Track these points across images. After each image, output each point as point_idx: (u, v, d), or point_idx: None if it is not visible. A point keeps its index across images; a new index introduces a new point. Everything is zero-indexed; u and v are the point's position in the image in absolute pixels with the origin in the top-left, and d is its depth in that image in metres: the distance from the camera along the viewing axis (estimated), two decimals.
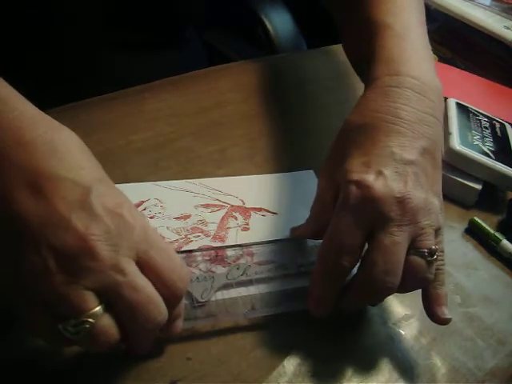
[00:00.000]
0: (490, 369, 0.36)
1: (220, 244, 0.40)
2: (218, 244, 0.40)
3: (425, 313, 0.34)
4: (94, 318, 0.25)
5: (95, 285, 0.25)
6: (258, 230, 0.42)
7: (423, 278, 0.32)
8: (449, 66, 0.69)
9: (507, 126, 0.55)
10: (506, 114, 0.58)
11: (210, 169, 0.46)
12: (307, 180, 0.47)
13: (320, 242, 0.34)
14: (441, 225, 0.33)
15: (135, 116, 0.50)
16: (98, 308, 0.26)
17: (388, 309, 0.38)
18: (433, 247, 0.32)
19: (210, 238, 0.40)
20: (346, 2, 0.48)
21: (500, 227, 0.46)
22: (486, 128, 0.52)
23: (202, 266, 0.38)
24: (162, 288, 0.27)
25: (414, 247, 0.32)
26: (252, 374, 0.32)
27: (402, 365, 0.35)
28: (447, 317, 0.34)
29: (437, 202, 0.33)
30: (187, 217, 0.42)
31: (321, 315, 0.34)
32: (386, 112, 0.35)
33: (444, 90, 0.60)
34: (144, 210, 0.41)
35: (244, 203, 0.44)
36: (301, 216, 0.42)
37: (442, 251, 0.34)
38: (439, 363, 0.35)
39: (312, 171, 0.48)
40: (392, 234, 0.31)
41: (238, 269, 0.38)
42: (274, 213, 0.43)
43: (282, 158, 0.49)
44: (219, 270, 0.38)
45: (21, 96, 0.28)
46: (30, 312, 0.26)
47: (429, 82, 0.37)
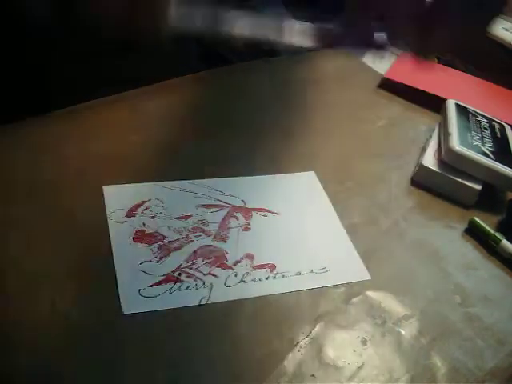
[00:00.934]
0: (490, 369, 0.36)
1: (221, 244, 0.40)
2: (219, 243, 0.40)
3: (425, 313, 0.34)
4: None
5: None
6: (260, 230, 0.42)
7: None
8: (448, 68, 0.69)
9: (506, 126, 0.55)
10: (505, 115, 0.59)
11: (209, 169, 0.46)
12: (308, 181, 0.47)
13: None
14: None
15: (135, 117, 0.51)
16: None
17: (388, 309, 0.38)
18: None
19: (211, 238, 0.40)
20: None
21: (500, 227, 0.46)
22: (485, 129, 0.53)
23: (203, 268, 0.38)
24: None
25: None
26: (252, 375, 0.33)
27: (402, 365, 0.35)
28: None
29: None
30: (188, 217, 0.42)
31: None
32: None
33: (444, 91, 0.61)
34: (146, 209, 0.41)
35: (245, 203, 0.44)
36: (302, 216, 0.42)
37: None
38: (439, 363, 0.35)
39: (313, 172, 0.48)
40: None
41: (235, 276, 0.38)
42: (275, 213, 0.44)
43: (282, 159, 0.49)
44: (219, 272, 0.38)
45: None
46: None
47: None
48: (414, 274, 0.41)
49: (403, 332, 0.37)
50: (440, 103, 0.57)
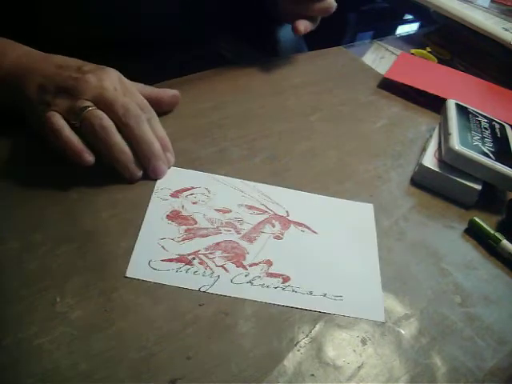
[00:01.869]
0: (490, 369, 0.36)
1: (246, 244, 0.40)
2: (244, 243, 0.40)
3: (425, 312, 0.34)
4: (90, 106, 0.40)
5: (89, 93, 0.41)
6: (290, 242, 0.41)
7: None
8: (448, 68, 0.69)
9: (506, 126, 0.55)
10: (505, 115, 0.59)
11: (209, 169, 0.46)
12: (363, 212, 0.46)
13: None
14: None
15: None
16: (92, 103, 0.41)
17: (388, 308, 0.38)
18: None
19: (239, 236, 0.41)
20: None
21: (500, 227, 0.46)
22: (485, 129, 0.53)
23: (218, 260, 0.38)
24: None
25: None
26: (252, 374, 0.33)
27: (402, 365, 0.35)
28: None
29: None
30: (227, 211, 0.42)
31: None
32: None
33: (444, 91, 0.61)
34: (191, 194, 0.43)
35: (288, 214, 0.44)
36: (340, 242, 0.42)
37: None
38: (439, 363, 0.35)
39: (371, 205, 0.46)
40: None
41: (246, 276, 0.38)
42: (313, 231, 0.43)
43: (282, 159, 0.49)
44: (231, 268, 0.38)
45: None
46: (49, 111, 0.40)
47: None
48: (414, 273, 0.41)
49: (403, 332, 0.37)
50: (440, 103, 0.57)
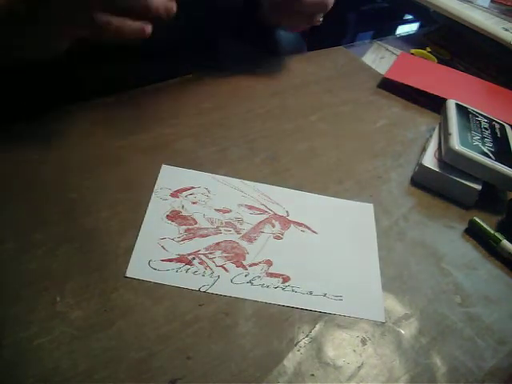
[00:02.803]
0: (490, 368, 0.36)
1: (246, 243, 0.40)
2: (244, 243, 0.40)
3: (425, 312, 0.34)
4: None
5: None
6: (290, 242, 0.41)
7: None
8: (448, 68, 0.69)
9: (506, 126, 0.55)
10: (505, 115, 0.59)
11: (209, 169, 0.46)
12: (363, 212, 0.45)
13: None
14: None
15: (136, 117, 0.51)
16: None
17: (388, 308, 0.38)
18: None
19: (239, 236, 0.41)
20: None
21: (500, 227, 0.46)
22: (485, 129, 0.53)
23: (218, 260, 0.38)
24: None
25: None
26: (252, 374, 0.33)
27: (402, 365, 0.35)
28: None
29: None
30: (227, 211, 0.43)
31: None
32: None
33: (444, 91, 0.61)
34: (191, 194, 0.43)
35: (288, 214, 0.44)
36: (340, 242, 0.42)
37: None
38: (439, 363, 0.35)
39: (371, 205, 0.46)
40: None
41: (246, 276, 0.38)
42: (313, 231, 0.43)
43: (282, 159, 0.49)
44: (231, 268, 0.38)
45: None
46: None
47: None
48: (414, 273, 0.41)
49: (403, 332, 0.37)
50: (440, 103, 0.57)
